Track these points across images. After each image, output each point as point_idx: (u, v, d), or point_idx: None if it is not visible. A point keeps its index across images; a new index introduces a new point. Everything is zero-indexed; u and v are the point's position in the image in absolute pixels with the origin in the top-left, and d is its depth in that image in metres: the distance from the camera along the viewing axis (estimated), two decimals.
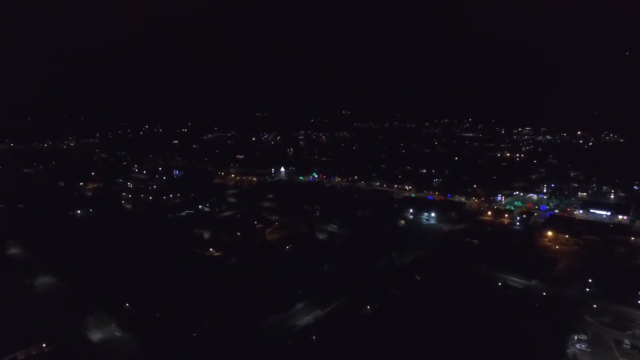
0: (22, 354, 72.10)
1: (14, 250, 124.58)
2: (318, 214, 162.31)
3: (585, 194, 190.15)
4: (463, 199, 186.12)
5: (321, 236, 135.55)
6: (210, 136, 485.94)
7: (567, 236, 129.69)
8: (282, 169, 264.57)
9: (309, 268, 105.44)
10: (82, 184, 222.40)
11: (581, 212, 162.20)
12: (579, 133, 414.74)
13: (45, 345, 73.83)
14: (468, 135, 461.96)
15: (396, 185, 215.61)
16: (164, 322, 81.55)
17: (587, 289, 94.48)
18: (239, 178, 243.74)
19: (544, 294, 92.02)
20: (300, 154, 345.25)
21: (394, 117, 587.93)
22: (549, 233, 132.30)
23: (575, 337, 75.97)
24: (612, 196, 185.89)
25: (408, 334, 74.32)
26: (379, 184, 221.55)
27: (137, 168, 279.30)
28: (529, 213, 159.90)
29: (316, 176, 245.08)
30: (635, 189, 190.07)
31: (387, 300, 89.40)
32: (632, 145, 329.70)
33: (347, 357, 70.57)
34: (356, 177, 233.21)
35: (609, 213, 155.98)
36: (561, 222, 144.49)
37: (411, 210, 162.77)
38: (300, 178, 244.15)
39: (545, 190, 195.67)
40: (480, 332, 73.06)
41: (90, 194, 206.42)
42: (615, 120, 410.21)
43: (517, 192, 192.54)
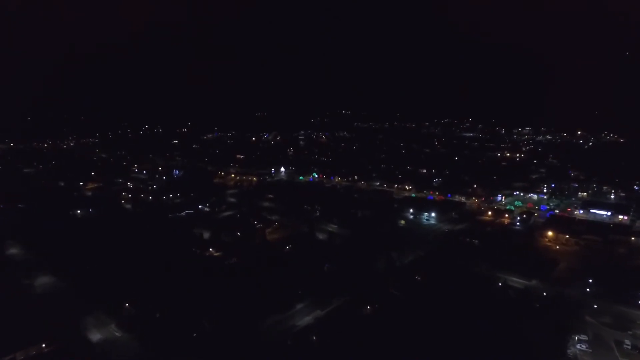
0: (22, 354, 71.96)
1: (13, 250, 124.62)
2: (318, 214, 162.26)
3: (585, 194, 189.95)
4: (463, 199, 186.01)
5: (321, 236, 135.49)
6: (210, 136, 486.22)
7: (567, 236, 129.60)
8: (282, 169, 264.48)
9: (309, 268, 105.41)
10: (82, 183, 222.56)
11: (581, 212, 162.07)
12: (579, 133, 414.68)
13: (44, 345, 73.74)
14: (468, 135, 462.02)
15: (396, 185, 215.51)
16: (164, 322, 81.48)
17: (588, 289, 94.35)
18: (239, 178, 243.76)
19: (544, 294, 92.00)
20: (300, 154, 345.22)
21: (394, 117, 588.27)
22: (549, 233, 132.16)
23: (576, 337, 75.84)
24: (612, 196, 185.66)
25: (408, 334, 74.20)
26: (379, 183, 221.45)
27: (137, 168, 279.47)
28: (529, 213, 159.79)
29: (316, 176, 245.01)
30: (636, 189, 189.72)
31: (387, 300, 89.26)
32: (632, 145, 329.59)
33: (347, 358, 70.46)
34: (356, 177, 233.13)
35: (609, 213, 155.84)
36: (561, 222, 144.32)
37: (411, 210, 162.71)
38: (300, 178, 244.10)
39: (545, 190, 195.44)
40: (481, 332, 72.94)
41: (90, 193, 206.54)
42: (615, 120, 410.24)
43: (518, 192, 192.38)
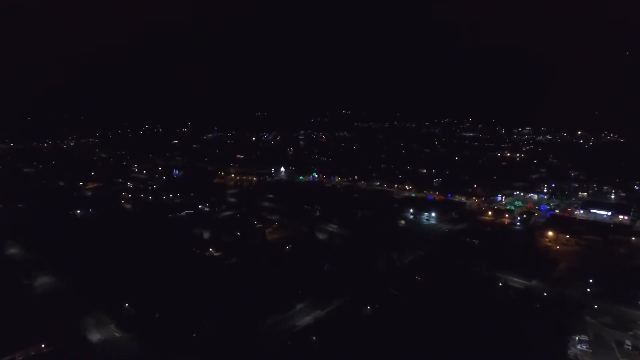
0: (21, 355, 71.90)
1: (13, 250, 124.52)
2: (318, 214, 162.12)
3: (585, 194, 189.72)
4: (463, 199, 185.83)
5: (321, 236, 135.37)
6: (210, 136, 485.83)
7: (567, 236, 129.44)
8: (282, 169, 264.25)
9: (309, 268, 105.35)
10: (82, 183, 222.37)
11: (582, 212, 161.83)
12: (579, 133, 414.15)
13: (44, 345, 73.66)
14: (468, 135, 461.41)
15: (396, 185, 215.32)
16: (164, 323, 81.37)
17: (588, 289, 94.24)
18: (239, 178, 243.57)
19: (544, 294, 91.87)
20: (300, 154, 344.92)
21: (394, 117, 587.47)
22: (550, 233, 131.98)
23: (576, 337, 75.74)
24: (612, 196, 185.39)
25: (408, 334, 74.11)
26: (379, 183, 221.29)
27: (137, 168, 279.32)
28: (530, 213, 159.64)
29: (316, 176, 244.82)
30: (636, 189, 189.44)
31: (387, 301, 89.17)
32: (633, 145, 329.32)
33: (347, 358, 70.35)
34: (356, 177, 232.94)
35: (609, 213, 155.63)
36: (562, 222, 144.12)
37: (411, 210, 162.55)
38: (300, 178, 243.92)
39: (545, 190, 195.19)
40: (481, 332, 72.86)
41: (90, 193, 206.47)
42: (615, 120, 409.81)
43: (518, 192, 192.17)
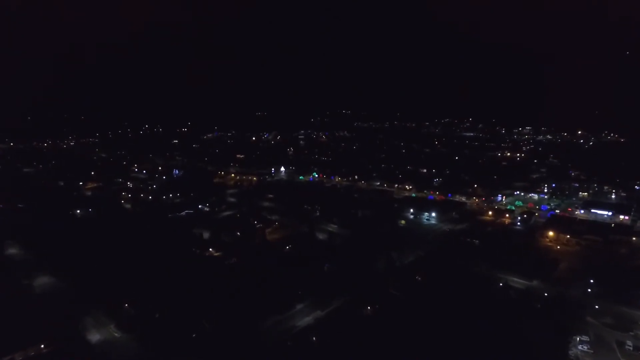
0: (21, 355, 71.67)
1: (13, 250, 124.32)
2: (318, 214, 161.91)
3: (586, 193, 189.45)
4: (464, 199, 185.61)
5: (321, 236, 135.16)
6: (210, 136, 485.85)
7: (568, 236, 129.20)
8: (282, 169, 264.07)
9: (309, 268, 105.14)
10: (81, 183, 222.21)
11: (582, 212, 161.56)
12: (580, 133, 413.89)
13: (43, 346, 73.42)
14: (468, 134, 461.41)
15: (396, 185, 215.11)
16: (163, 323, 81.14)
17: (589, 290, 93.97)
18: (239, 178, 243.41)
19: (545, 294, 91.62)
20: (300, 154, 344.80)
21: (394, 116, 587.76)
22: (550, 233, 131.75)
23: (577, 338, 75.50)
24: (613, 196, 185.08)
25: (408, 335, 73.83)
26: (379, 183, 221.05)
27: (137, 168, 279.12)
28: (530, 213, 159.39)
29: (316, 176, 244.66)
30: (637, 189, 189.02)
31: (387, 301, 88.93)
32: (633, 145, 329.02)
33: (347, 358, 70.12)
34: (356, 177, 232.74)
35: (610, 213, 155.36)
36: (562, 222, 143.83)
37: (411, 210, 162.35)
38: (300, 178, 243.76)
39: (546, 190, 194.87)
40: (481, 332, 72.55)
41: (90, 193, 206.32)
42: (615, 119, 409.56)
43: (518, 192, 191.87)
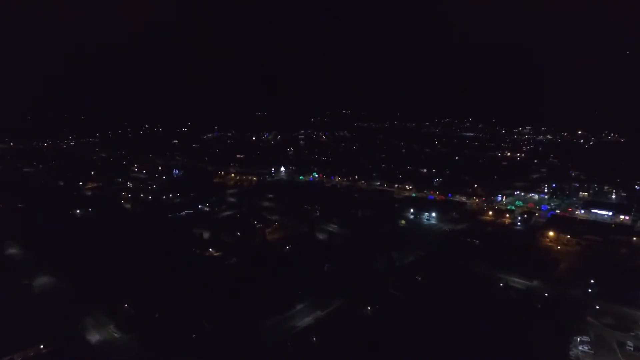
0: (20, 355, 71.57)
1: (13, 250, 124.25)
2: (318, 214, 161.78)
3: (586, 193, 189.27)
4: (464, 199, 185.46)
5: (321, 236, 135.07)
6: (210, 136, 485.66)
7: (568, 236, 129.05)
8: (282, 169, 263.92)
9: (309, 268, 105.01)
10: (81, 183, 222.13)
11: (582, 212, 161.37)
12: (580, 133, 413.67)
13: (43, 346, 73.31)
14: (468, 134, 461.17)
15: (396, 185, 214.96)
16: (163, 323, 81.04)
17: (589, 290, 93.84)
18: (239, 178, 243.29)
19: (545, 294, 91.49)
20: (300, 154, 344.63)
21: (394, 116, 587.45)
22: (551, 233, 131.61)
23: (578, 338, 75.36)
24: (613, 196, 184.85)
25: (408, 335, 73.70)
26: (379, 183, 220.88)
27: (137, 168, 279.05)
28: (530, 213, 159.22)
29: (316, 176, 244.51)
30: (637, 189, 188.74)
31: (387, 301, 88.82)
32: (633, 145, 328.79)
33: (347, 358, 70.00)
34: (356, 177, 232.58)
35: (610, 213, 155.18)
36: (562, 222, 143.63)
37: (412, 210, 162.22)
38: (301, 178, 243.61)
39: (546, 190, 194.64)
40: (481, 333, 72.39)
41: (89, 193, 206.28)
42: (615, 119, 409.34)
43: (518, 192, 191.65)
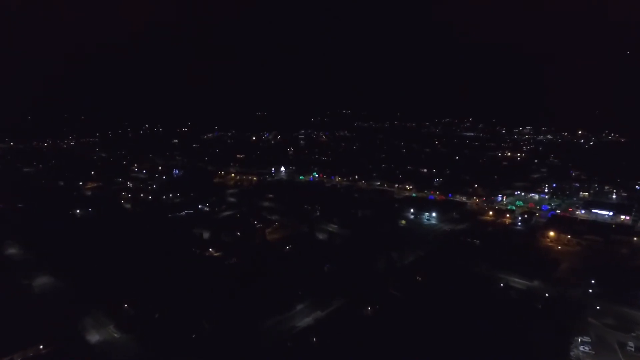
0: (20, 355, 71.48)
1: (12, 250, 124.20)
2: (318, 214, 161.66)
3: (587, 193, 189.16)
4: (464, 199, 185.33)
5: (321, 236, 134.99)
6: (210, 135, 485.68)
7: (569, 236, 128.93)
8: (282, 169, 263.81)
9: (309, 268, 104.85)
10: (81, 183, 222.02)
11: (583, 212, 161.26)
12: (580, 133, 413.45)
13: (42, 346, 73.19)
14: (469, 134, 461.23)
15: (397, 185, 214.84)
16: (163, 323, 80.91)
17: (590, 290, 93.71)
18: (239, 177, 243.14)
19: (546, 295, 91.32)
20: (300, 154, 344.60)
21: (394, 116, 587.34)
22: (551, 233, 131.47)
23: (579, 339, 75.25)
24: (614, 196, 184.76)
25: (409, 335, 73.52)
26: (379, 183, 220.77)
27: (137, 167, 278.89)
28: (531, 213, 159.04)
29: (316, 176, 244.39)
30: (638, 189, 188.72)
31: (387, 301, 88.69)
32: (634, 145, 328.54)
33: (347, 359, 69.83)
34: (356, 177, 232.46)
35: (611, 213, 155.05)
36: (563, 222, 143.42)
37: (412, 210, 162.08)
38: (301, 178, 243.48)
39: (546, 190, 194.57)
40: (482, 333, 72.22)
41: (89, 193, 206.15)
42: (616, 119, 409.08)
43: (519, 192, 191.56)
